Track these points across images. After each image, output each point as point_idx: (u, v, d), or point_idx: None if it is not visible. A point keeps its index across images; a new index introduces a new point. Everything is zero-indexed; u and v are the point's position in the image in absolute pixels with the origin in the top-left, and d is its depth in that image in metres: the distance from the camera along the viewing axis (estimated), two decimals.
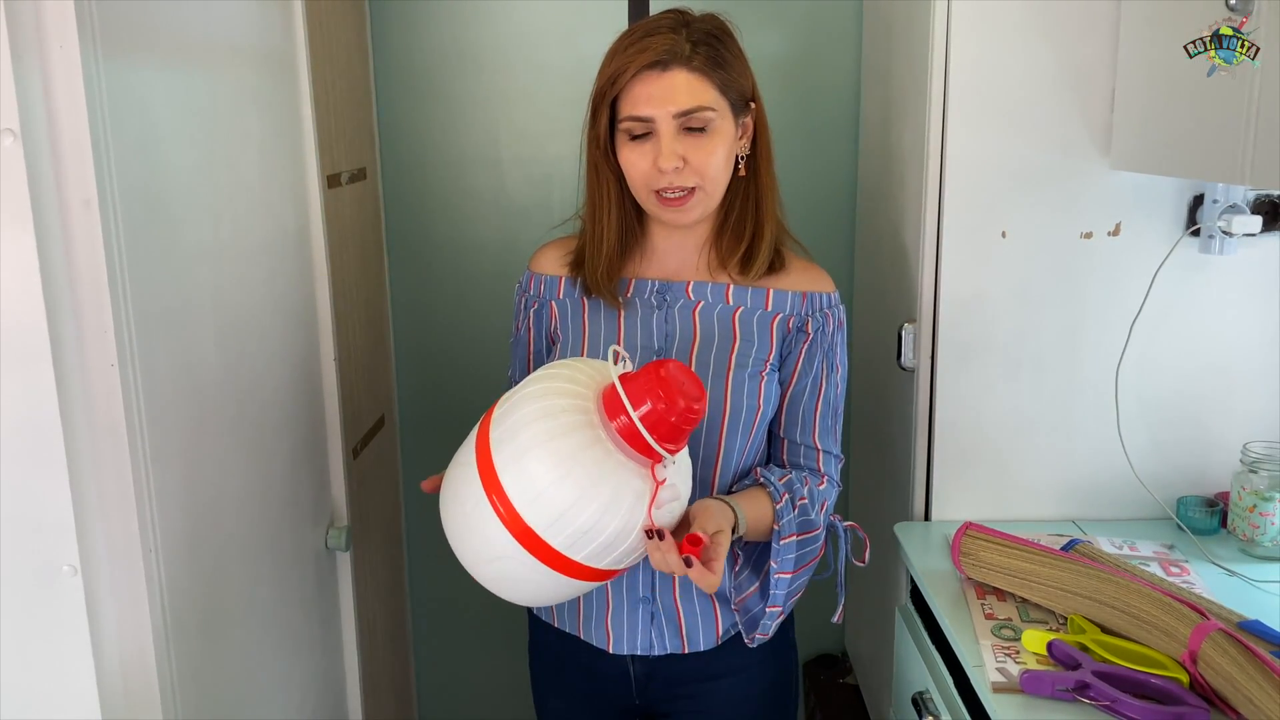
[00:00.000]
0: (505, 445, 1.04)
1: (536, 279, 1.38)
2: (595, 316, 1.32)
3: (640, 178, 1.24)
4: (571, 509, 1.01)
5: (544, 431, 1.02)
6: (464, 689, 2.34)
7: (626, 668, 1.37)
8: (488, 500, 1.04)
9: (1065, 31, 1.48)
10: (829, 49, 2.05)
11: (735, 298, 1.31)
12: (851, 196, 2.10)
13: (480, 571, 1.11)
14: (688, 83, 1.20)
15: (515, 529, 1.03)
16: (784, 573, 1.23)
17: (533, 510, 1.02)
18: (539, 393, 1.06)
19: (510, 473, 1.03)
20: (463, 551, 1.11)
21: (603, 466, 1.02)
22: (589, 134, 1.27)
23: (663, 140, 1.21)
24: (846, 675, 2.23)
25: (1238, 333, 1.57)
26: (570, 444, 1.01)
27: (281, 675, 1.41)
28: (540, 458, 1.02)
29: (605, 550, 1.04)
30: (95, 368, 0.96)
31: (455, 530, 1.11)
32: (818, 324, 1.31)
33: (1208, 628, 1.13)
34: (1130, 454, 1.57)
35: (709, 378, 1.27)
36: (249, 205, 1.31)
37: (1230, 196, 1.49)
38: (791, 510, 1.24)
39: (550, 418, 1.03)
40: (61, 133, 0.92)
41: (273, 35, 1.42)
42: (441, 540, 1.12)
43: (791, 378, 1.31)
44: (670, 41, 1.20)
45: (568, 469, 1.01)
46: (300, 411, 1.50)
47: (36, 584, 0.96)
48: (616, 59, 1.22)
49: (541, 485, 1.01)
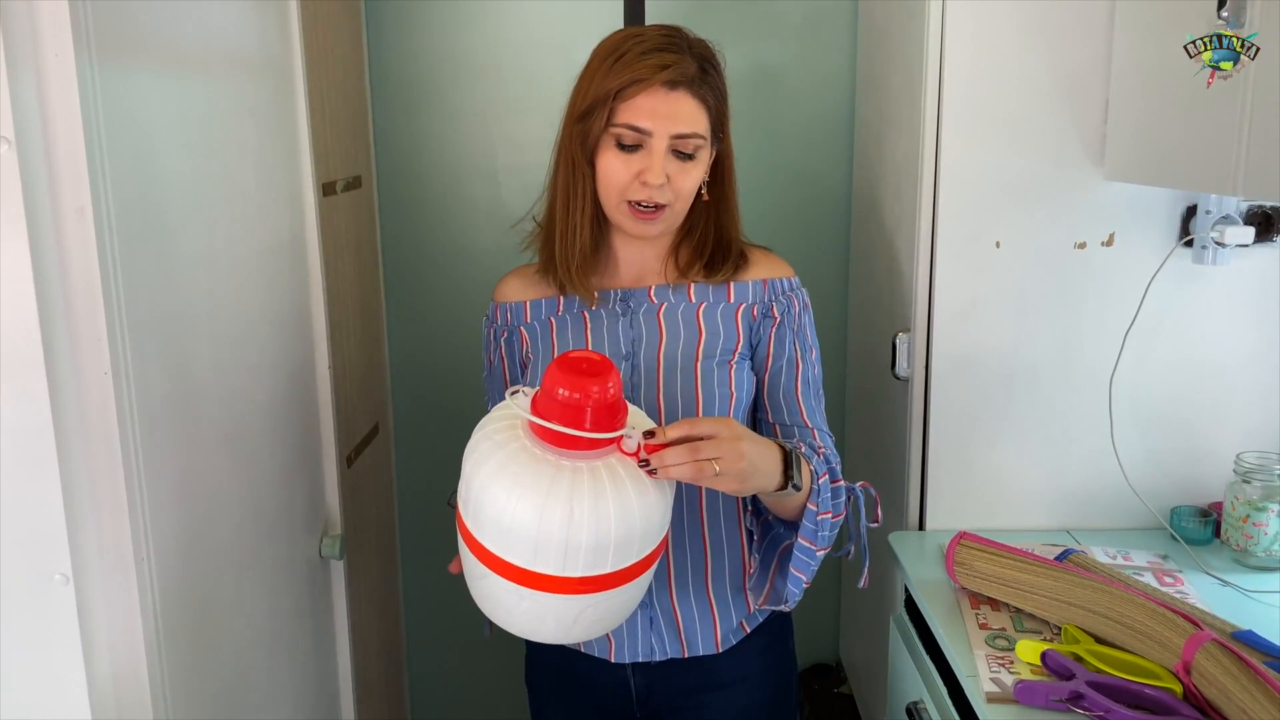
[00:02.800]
0: (466, 505, 1.07)
1: (503, 308, 1.38)
2: (563, 332, 1.33)
3: (618, 186, 1.24)
4: (535, 522, 1.00)
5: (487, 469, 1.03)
6: (458, 698, 2.33)
7: (627, 678, 1.36)
8: (480, 563, 1.06)
9: (1059, 42, 1.49)
10: (823, 57, 2.05)
11: (697, 295, 1.32)
12: (846, 205, 2.10)
13: (513, 625, 1.12)
14: (690, 108, 1.22)
15: (512, 575, 1.04)
16: (825, 513, 1.21)
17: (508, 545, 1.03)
18: (473, 447, 1.08)
19: (478, 523, 1.05)
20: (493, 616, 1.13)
21: (540, 470, 1.01)
22: (574, 129, 1.26)
23: (654, 156, 1.22)
24: (841, 685, 2.23)
25: (1231, 343, 1.58)
26: (502, 457, 1.03)
27: (274, 683, 1.40)
28: (487, 488, 1.02)
29: (595, 552, 1.02)
30: (89, 375, 0.96)
31: (477, 597, 1.13)
32: (783, 307, 1.32)
33: (1201, 638, 1.14)
34: (1124, 464, 1.57)
35: (678, 373, 1.28)
36: (244, 213, 1.31)
37: (1223, 207, 1.49)
38: (815, 455, 1.24)
39: (489, 455, 1.04)
40: (56, 140, 0.91)
41: (268, 43, 1.42)
42: (435, 548, 1.13)
43: (766, 362, 1.32)
44: (684, 63, 1.21)
45: (511, 483, 1.01)
46: (294, 419, 1.49)
47: (28, 592, 0.96)
48: (627, 66, 1.21)
49: (501, 513, 1.02)
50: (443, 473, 2.11)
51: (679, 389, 1.27)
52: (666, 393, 1.27)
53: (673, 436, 1.05)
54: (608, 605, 1.08)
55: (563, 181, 1.30)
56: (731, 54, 1.30)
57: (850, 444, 2.09)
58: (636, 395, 1.28)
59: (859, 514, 1.29)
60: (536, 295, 1.36)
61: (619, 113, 1.22)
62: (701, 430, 1.07)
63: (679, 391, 1.27)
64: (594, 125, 1.23)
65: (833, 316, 2.12)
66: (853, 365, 2.09)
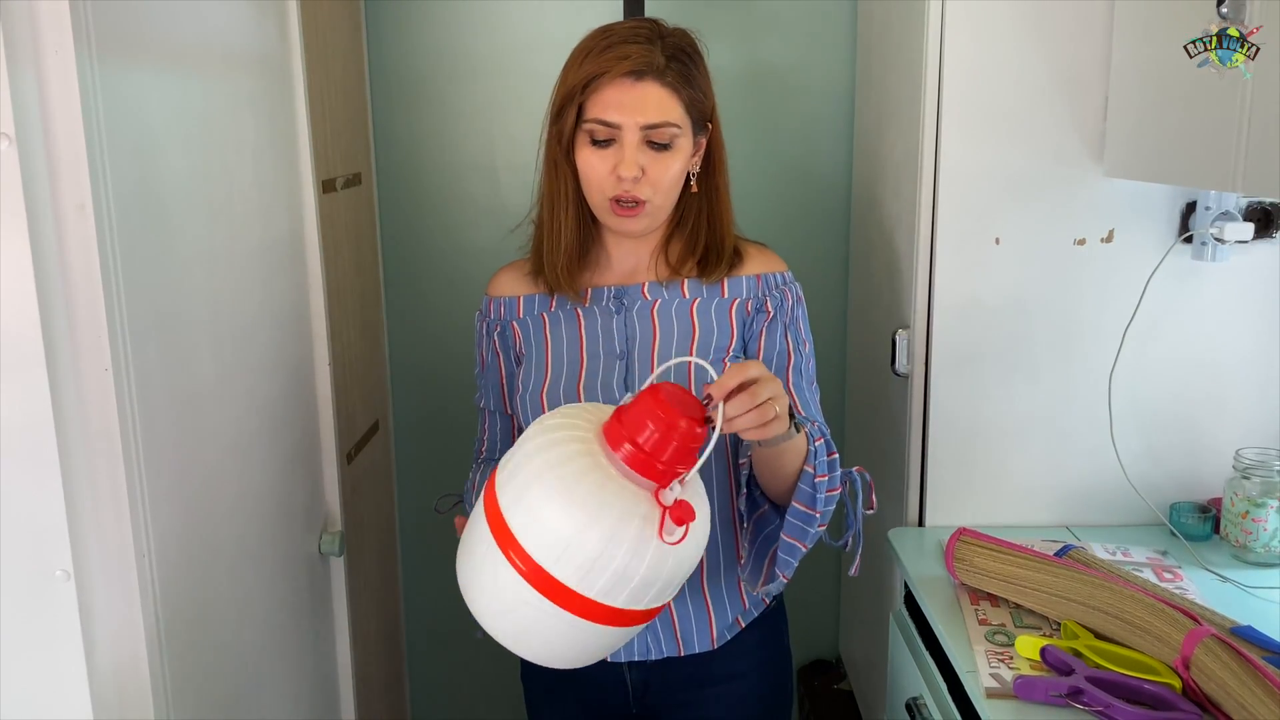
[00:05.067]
0: (508, 486, 1.02)
1: (495, 302, 1.38)
2: (556, 329, 1.33)
3: (598, 182, 1.24)
4: (577, 537, 0.96)
5: (545, 464, 0.99)
6: (458, 695, 2.34)
7: (623, 675, 1.36)
8: (498, 547, 1.00)
9: (1059, 38, 1.49)
10: (823, 55, 2.05)
11: (691, 291, 1.32)
12: (845, 203, 2.10)
13: (497, 626, 1.05)
14: (658, 97, 1.21)
15: (527, 569, 0.98)
16: (822, 475, 1.17)
17: (538, 544, 0.98)
18: (537, 432, 1.04)
19: (515, 511, 0.99)
20: (478, 605, 1.06)
21: (604, 491, 0.98)
22: (552, 129, 1.27)
23: (626, 149, 1.21)
24: (840, 681, 2.23)
25: (1230, 339, 1.58)
26: (570, 471, 0.98)
27: (275, 680, 1.40)
28: (543, 489, 0.98)
29: (619, 583, 0.98)
30: (89, 372, 0.96)
31: (468, 583, 1.06)
32: (776, 301, 1.32)
33: (1200, 633, 1.14)
34: (1123, 460, 1.57)
35: (671, 371, 1.27)
36: (244, 210, 1.31)
37: (1222, 204, 1.49)
38: (809, 423, 1.21)
39: (549, 450, 1.00)
40: (56, 137, 0.91)
41: (268, 40, 1.42)
42: (435, 545, 1.13)
43: (759, 356, 1.31)
44: (647, 53, 1.21)
45: (569, 496, 0.97)
46: (294, 416, 1.49)
47: (30, 589, 0.96)
48: (592, 60, 1.22)
49: (544, 515, 0.97)
50: (443, 469, 2.12)
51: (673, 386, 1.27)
52: None
53: (728, 384, 1.02)
54: (609, 640, 1.05)
55: (547, 182, 1.30)
56: (731, 52, 1.30)
57: (850, 440, 2.09)
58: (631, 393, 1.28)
59: (855, 498, 1.28)
60: (530, 290, 1.36)
61: (588, 108, 1.22)
62: (751, 374, 1.03)
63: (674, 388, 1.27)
64: (566, 123, 1.23)
65: (832, 313, 2.12)
66: (852, 362, 2.09)
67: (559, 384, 1.30)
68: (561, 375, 1.30)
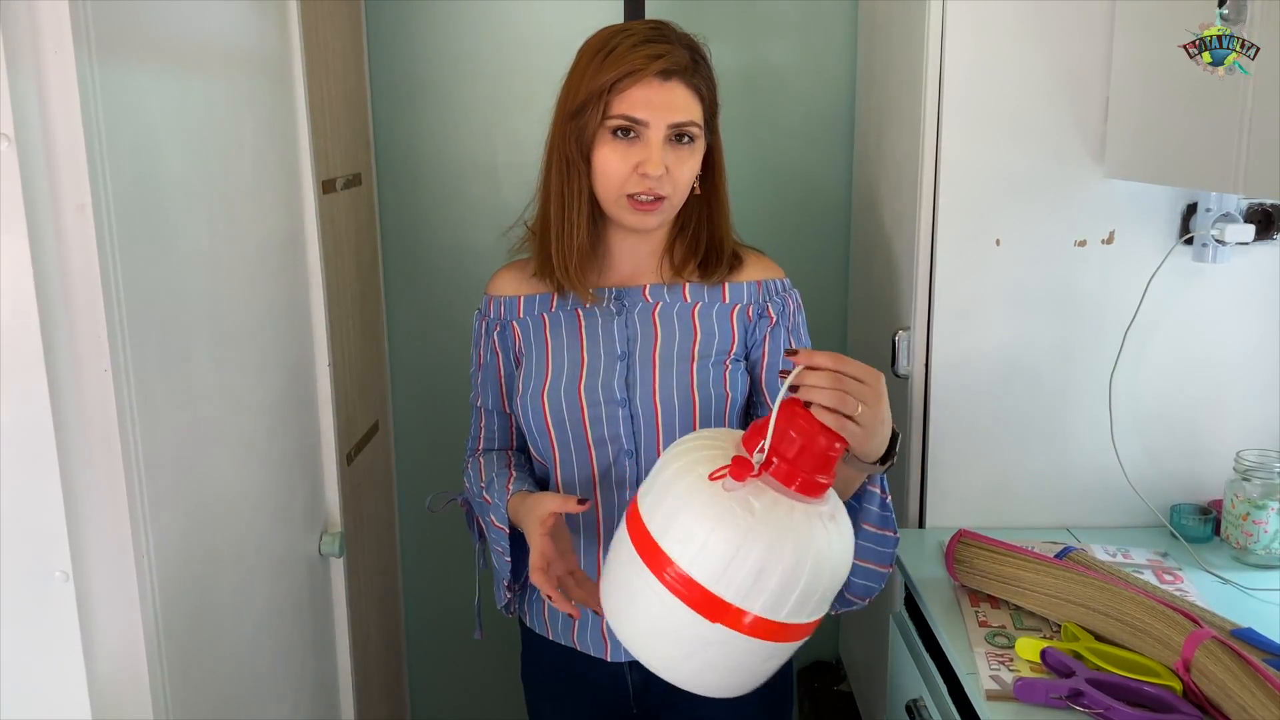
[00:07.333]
0: (656, 513, 0.99)
1: (496, 301, 1.38)
2: (557, 330, 1.33)
3: (617, 178, 1.24)
4: (738, 553, 0.94)
5: (691, 485, 0.98)
6: (458, 695, 2.33)
7: (623, 675, 1.36)
8: (650, 572, 0.97)
9: (1060, 39, 1.49)
10: (823, 55, 2.05)
11: (692, 295, 1.33)
12: (846, 203, 2.10)
13: (681, 670, 1.02)
14: (685, 96, 1.24)
15: (687, 592, 0.95)
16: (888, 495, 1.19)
17: (699, 566, 0.95)
18: (676, 456, 1.02)
19: (668, 536, 0.97)
20: (631, 630, 1.02)
21: (760, 506, 0.96)
22: (568, 127, 1.26)
23: (653, 148, 1.22)
24: (840, 683, 2.23)
25: (1231, 340, 1.58)
26: (718, 487, 0.96)
27: (274, 680, 1.40)
28: (693, 509, 0.96)
29: (783, 595, 0.96)
30: (88, 373, 0.96)
31: (617, 611, 1.03)
32: (778, 307, 1.33)
33: (1201, 635, 1.14)
34: (1124, 461, 1.57)
35: (674, 373, 1.28)
36: (244, 211, 1.31)
37: (1223, 205, 1.49)
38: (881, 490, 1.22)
39: (696, 469, 0.98)
40: (56, 137, 0.91)
41: (268, 40, 1.42)
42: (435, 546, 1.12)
43: (762, 361, 1.32)
44: (676, 53, 1.23)
45: (721, 512, 0.95)
46: (294, 417, 1.49)
47: (28, 590, 0.96)
48: (617, 58, 1.22)
49: (701, 536, 0.95)
50: (443, 470, 2.12)
51: (675, 389, 1.27)
52: (662, 393, 1.27)
53: (821, 361, 1.00)
54: (774, 656, 1.03)
55: (556, 181, 1.29)
56: (731, 53, 1.30)
57: None
58: (632, 394, 1.28)
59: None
60: (531, 291, 1.36)
61: (614, 105, 1.22)
62: (850, 370, 1.01)
63: (674, 392, 1.27)
64: (589, 121, 1.23)
65: (832, 314, 2.12)
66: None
67: (559, 385, 1.30)
68: (562, 376, 1.30)
